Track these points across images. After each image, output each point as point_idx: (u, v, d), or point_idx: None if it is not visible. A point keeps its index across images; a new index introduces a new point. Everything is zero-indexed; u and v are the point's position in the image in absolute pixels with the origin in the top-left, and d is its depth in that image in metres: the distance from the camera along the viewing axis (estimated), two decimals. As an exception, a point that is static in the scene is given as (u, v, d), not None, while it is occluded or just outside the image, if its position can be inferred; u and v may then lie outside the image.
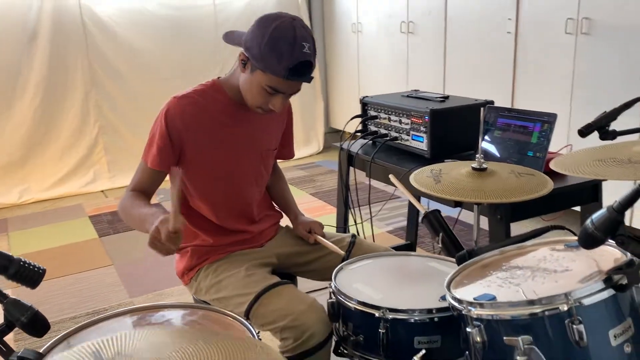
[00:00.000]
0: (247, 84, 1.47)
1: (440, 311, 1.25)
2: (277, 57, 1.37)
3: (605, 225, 0.90)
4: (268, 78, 1.41)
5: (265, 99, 1.47)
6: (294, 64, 1.37)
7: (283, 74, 1.39)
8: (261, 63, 1.40)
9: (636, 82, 2.80)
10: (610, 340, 0.92)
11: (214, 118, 1.55)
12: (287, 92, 1.46)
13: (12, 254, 0.66)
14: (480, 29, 3.65)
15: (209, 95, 1.56)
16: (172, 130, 1.50)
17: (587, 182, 1.86)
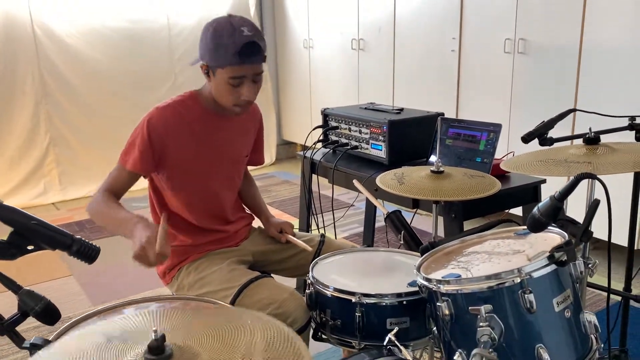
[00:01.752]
0: (215, 89, 1.60)
1: (408, 295, 1.42)
2: (223, 49, 1.51)
3: (549, 211, 1.09)
4: (226, 71, 1.54)
5: (235, 93, 1.58)
6: (239, 47, 1.50)
7: (234, 60, 1.51)
8: (215, 62, 1.54)
9: (567, 96, 3.12)
10: (554, 307, 1.11)
11: (192, 126, 1.66)
12: (249, 76, 1.57)
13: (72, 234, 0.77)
14: (427, 47, 3.91)
15: (187, 106, 1.67)
16: (154, 136, 1.60)
17: (528, 185, 2.09)
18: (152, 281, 3.10)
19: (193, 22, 5.23)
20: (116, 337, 0.98)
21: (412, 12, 3.98)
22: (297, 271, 1.82)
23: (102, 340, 0.96)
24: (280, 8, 5.47)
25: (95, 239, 3.81)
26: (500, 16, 3.39)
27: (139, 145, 1.60)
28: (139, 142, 1.60)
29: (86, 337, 1.18)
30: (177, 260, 1.70)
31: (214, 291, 1.57)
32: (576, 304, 1.15)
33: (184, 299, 1.40)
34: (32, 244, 0.75)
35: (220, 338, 0.93)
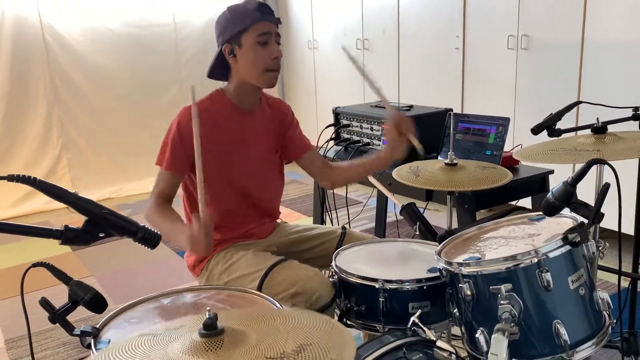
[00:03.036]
0: (246, 60, 1.69)
1: (428, 280, 1.50)
2: (241, 13, 1.66)
3: (562, 195, 1.17)
4: (252, 32, 1.65)
5: (266, 54, 1.67)
6: (256, 5, 1.65)
7: (255, 16, 1.64)
8: (238, 28, 1.65)
9: (570, 90, 3.19)
10: (569, 285, 1.19)
11: (220, 123, 1.74)
12: (272, 33, 1.68)
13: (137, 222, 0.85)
14: (431, 45, 3.99)
15: (216, 103, 1.75)
16: (185, 135, 1.68)
17: (537, 175, 2.17)
18: (171, 280, 3.19)
19: (199, 27, 5.31)
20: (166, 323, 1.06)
21: (416, 12, 4.06)
22: (319, 262, 1.89)
23: (152, 326, 1.04)
24: (284, 10, 5.55)
25: (110, 241, 3.89)
26: (502, 13, 3.46)
27: (170, 146, 1.68)
28: (170, 143, 1.68)
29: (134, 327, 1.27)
30: (206, 253, 1.78)
31: (242, 275, 1.65)
32: (590, 283, 1.23)
33: (216, 288, 1.48)
34: (103, 231, 0.83)
35: (264, 320, 1.00)
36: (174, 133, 1.69)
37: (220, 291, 1.48)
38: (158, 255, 3.61)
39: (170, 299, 1.44)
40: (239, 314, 1.03)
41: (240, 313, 1.03)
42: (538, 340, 1.19)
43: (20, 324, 2.78)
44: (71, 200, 0.82)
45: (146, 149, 5.13)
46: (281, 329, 0.96)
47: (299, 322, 0.99)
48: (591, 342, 1.21)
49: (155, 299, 1.44)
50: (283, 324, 0.98)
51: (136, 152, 5.02)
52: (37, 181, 0.77)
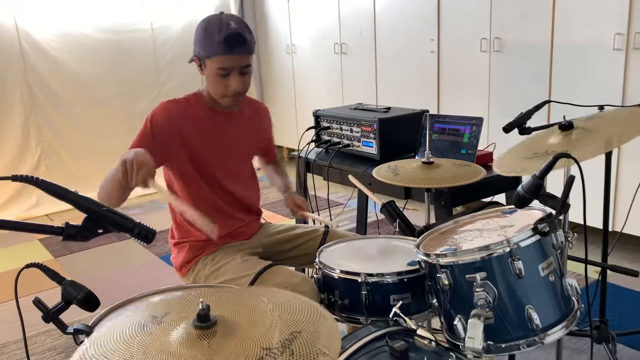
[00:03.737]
0: (207, 81, 1.74)
1: (408, 273, 1.56)
2: (210, 38, 1.65)
3: (531, 188, 1.25)
4: (214, 62, 1.67)
5: (224, 85, 1.70)
6: (224, 37, 1.64)
7: (219, 49, 1.65)
8: (203, 52, 1.68)
9: (541, 90, 3.31)
10: (540, 272, 1.27)
11: (196, 123, 1.78)
12: (236, 67, 1.68)
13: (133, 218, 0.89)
14: (407, 49, 4.09)
15: (191, 103, 1.80)
16: (157, 130, 1.71)
17: (510, 173, 2.26)
18: (154, 284, 3.21)
19: (177, 32, 5.34)
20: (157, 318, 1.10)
21: (391, 16, 4.15)
22: (303, 260, 1.95)
23: (146, 320, 1.08)
24: (262, 15, 5.61)
25: (92, 247, 3.90)
26: (475, 17, 3.57)
27: (142, 138, 1.70)
28: (143, 136, 1.71)
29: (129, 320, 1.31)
30: (193, 254, 1.82)
31: (230, 279, 1.70)
32: (559, 270, 1.31)
33: (206, 286, 1.53)
34: (101, 228, 0.87)
35: (252, 310, 1.06)
36: (147, 128, 1.72)
37: (209, 289, 1.52)
38: (140, 260, 3.63)
39: (159, 297, 1.48)
40: (229, 302, 1.08)
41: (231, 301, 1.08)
42: (512, 325, 1.27)
43: (8, 329, 2.77)
44: (72, 198, 0.86)
45: (126, 154, 5.14)
46: (271, 318, 1.02)
47: (288, 309, 1.04)
48: (561, 326, 1.29)
49: (145, 297, 1.48)
50: (272, 312, 1.04)
51: (117, 157, 4.97)
52: (39, 181, 0.81)
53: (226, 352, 0.91)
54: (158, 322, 1.05)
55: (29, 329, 2.76)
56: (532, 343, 1.27)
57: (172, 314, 1.10)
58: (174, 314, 1.10)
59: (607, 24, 2.94)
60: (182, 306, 1.14)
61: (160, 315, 1.09)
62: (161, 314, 1.10)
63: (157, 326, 1.04)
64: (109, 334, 1.04)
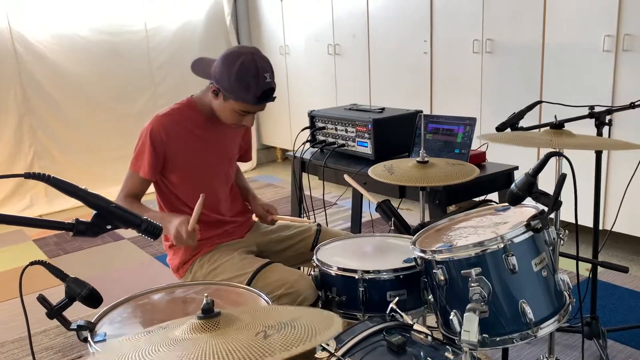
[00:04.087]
0: (221, 109, 1.78)
1: (404, 270, 1.60)
2: (245, 89, 1.69)
3: (525, 186, 1.29)
4: (240, 105, 1.73)
5: (238, 119, 1.79)
6: (260, 92, 1.70)
7: (252, 101, 1.72)
8: (233, 95, 1.72)
9: (533, 90, 3.35)
10: (533, 268, 1.30)
11: (190, 131, 1.83)
12: (256, 112, 1.79)
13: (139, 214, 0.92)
14: (400, 50, 4.12)
15: (185, 112, 1.84)
16: (157, 143, 1.76)
17: (503, 171, 2.30)
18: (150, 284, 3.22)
19: (171, 34, 5.35)
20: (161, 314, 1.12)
21: (385, 18, 4.19)
22: (297, 259, 1.98)
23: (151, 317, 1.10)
24: (255, 16, 5.64)
25: (87, 247, 3.91)
26: (467, 19, 3.62)
27: (146, 153, 1.75)
28: (146, 151, 1.75)
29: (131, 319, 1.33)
30: (190, 255, 1.85)
31: (228, 278, 1.73)
32: (551, 266, 1.35)
33: (205, 284, 1.56)
34: (110, 224, 0.90)
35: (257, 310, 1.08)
36: (148, 142, 1.76)
37: (209, 286, 1.55)
38: (135, 261, 3.64)
39: (160, 294, 1.50)
40: (226, 301, 1.10)
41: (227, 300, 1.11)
42: (506, 319, 1.30)
43: (5, 329, 2.78)
44: (82, 195, 0.88)
45: (121, 155, 5.14)
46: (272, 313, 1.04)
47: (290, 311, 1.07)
48: (554, 319, 1.33)
49: (145, 295, 1.50)
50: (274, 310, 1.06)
51: (110, 159, 5.03)
52: (51, 178, 0.83)
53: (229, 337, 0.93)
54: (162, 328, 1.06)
55: (45, 322, 2.76)
56: (525, 336, 1.30)
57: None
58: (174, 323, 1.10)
59: (597, 26, 2.99)
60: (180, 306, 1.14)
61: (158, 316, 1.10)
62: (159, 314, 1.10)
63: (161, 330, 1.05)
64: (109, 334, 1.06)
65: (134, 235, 4.06)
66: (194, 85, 5.53)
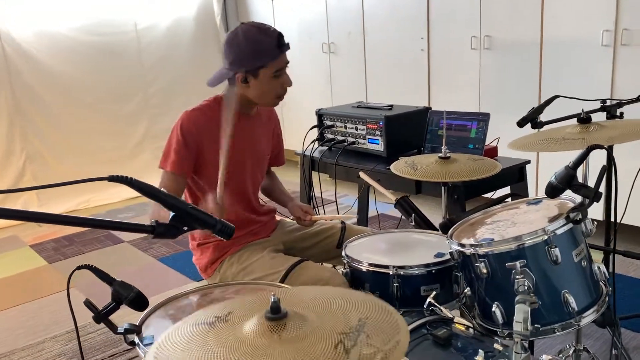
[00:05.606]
0: (259, 89, 1.76)
1: (436, 265, 1.62)
2: (262, 48, 1.70)
3: (564, 178, 1.31)
4: (269, 68, 1.72)
5: (279, 85, 1.77)
6: (275, 40, 1.71)
7: (277, 52, 1.72)
8: (258, 61, 1.71)
9: (530, 86, 3.41)
10: (574, 258, 1.33)
11: (219, 128, 1.80)
12: (285, 65, 1.78)
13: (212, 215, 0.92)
14: (397, 47, 4.15)
15: (214, 109, 1.82)
16: (188, 137, 1.74)
17: (515, 166, 2.34)
18: (157, 286, 3.20)
19: (161, 33, 5.31)
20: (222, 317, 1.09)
21: (381, 15, 4.21)
22: (323, 256, 1.99)
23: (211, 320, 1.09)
24: (245, 16, 5.61)
25: (87, 251, 3.86)
26: (465, 15, 3.66)
27: (175, 148, 1.73)
28: (175, 146, 1.73)
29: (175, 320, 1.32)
30: (218, 255, 1.84)
31: (260, 277, 1.73)
32: (588, 256, 1.38)
33: (244, 283, 1.56)
34: (187, 225, 0.90)
35: (319, 305, 1.08)
36: (178, 137, 1.74)
37: (245, 286, 1.55)
38: (138, 263, 3.61)
39: (197, 295, 1.50)
40: (298, 296, 1.10)
41: (299, 294, 1.11)
42: (548, 310, 1.33)
43: (13, 336, 2.73)
44: (161, 197, 0.88)
45: (114, 157, 5.09)
46: (338, 312, 1.05)
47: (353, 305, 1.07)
48: (593, 309, 1.36)
49: (184, 296, 1.49)
50: (339, 307, 1.07)
51: (103, 161, 4.98)
52: (133, 180, 0.83)
53: (304, 343, 0.93)
54: (224, 321, 1.06)
55: (35, 335, 2.72)
56: (568, 326, 1.33)
57: (235, 312, 1.10)
58: (236, 312, 1.10)
59: (595, 21, 3.05)
60: (242, 306, 1.13)
61: (223, 315, 1.09)
62: (224, 314, 1.09)
63: (224, 324, 1.05)
64: (174, 334, 1.05)
65: (133, 238, 4.02)
66: (186, 86, 5.52)
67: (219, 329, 1.02)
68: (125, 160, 5.15)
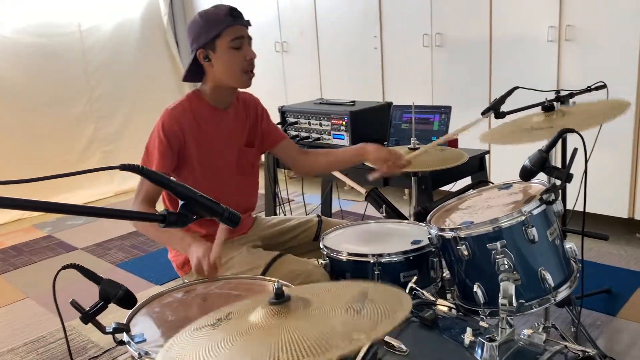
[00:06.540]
0: (222, 64, 1.75)
1: (414, 251, 1.66)
2: (213, 19, 1.73)
3: (538, 161, 1.39)
4: (224, 37, 1.72)
5: (241, 57, 1.75)
6: (227, 10, 1.73)
7: (227, 21, 1.72)
8: (210, 34, 1.72)
9: (481, 81, 3.54)
10: (548, 237, 1.40)
11: (200, 122, 1.79)
12: (245, 36, 1.76)
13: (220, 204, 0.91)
14: (350, 46, 4.21)
15: (193, 104, 1.81)
16: (171, 136, 1.72)
17: (476, 156, 2.43)
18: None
19: (106, 34, 5.16)
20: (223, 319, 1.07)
21: (333, 14, 4.25)
22: (301, 249, 2.00)
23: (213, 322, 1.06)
24: (193, 14, 5.52)
25: (38, 260, 3.70)
26: (416, 13, 3.75)
27: (157, 147, 1.71)
28: (157, 145, 1.71)
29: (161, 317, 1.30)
30: (194, 251, 1.82)
31: (240, 272, 1.72)
32: (560, 235, 1.46)
33: (227, 278, 1.55)
34: (195, 214, 0.89)
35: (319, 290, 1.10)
36: (161, 136, 1.72)
37: (229, 281, 1.54)
38: (96, 270, 3.47)
39: (181, 293, 1.48)
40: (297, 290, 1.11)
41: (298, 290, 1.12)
42: (526, 287, 1.39)
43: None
44: (172, 185, 0.87)
45: (60, 162, 4.91)
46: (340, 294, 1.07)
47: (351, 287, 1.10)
48: (567, 285, 1.43)
49: (168, 294, 1.47)
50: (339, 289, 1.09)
51: (49, 167, 4.79)
52: (143, 169, 0.82)
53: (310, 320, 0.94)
54: (227, 319, 1.04)
55: (10, 340, 2.60)
56: (544, 302, 1.40)
57: (235, 312, 1.08)
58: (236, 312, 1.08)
59: (541, 17, 3.20)
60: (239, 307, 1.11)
61: (224, 316, 1.06)
62: (224, 315, 1.07)
63: (228, 322, 1.03)
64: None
65: (87, 245, 3.90)
66: (134, 87, 5.40)
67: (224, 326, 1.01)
68: (75, 164, 4.99)
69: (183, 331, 1.02)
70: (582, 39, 3.09)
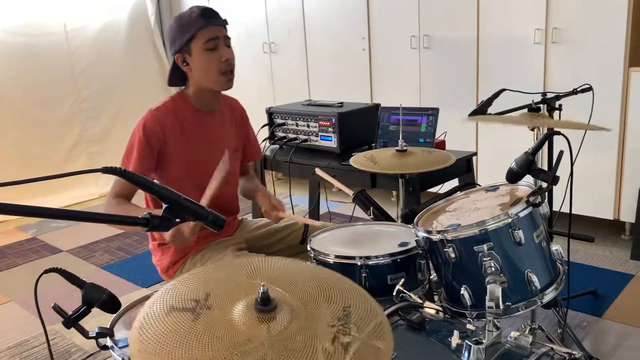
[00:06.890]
0: (199, 67, 1.74)
1: (400, 254, 1.66)
2: (186, 22, 1.71)
3: (524, 164, 1.39)
4: (198, 39, 1.70)
5: (216, 58, 1.72)
6: (199, 12, 1.71)
7: (199, 23, 1.69)
8: (184, 37, 1.70)
9: (469, 82, 3.55)
10: (535, 239, 1.41)
11: (183, 124, 1.78)
12: (220, 37, 1.74)
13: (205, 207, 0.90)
14: (338, 47, 4.21)
15: (178, 105, 1.79)
16: (151, 137, 1.70)
17: (463, 158, 2.44)
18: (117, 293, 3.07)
19: (92, 35, 5.11)
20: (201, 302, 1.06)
21: (321, 15, 4.25)
22: (287, 252, 1.99)
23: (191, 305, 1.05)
24: (182, 16, 5.49)
25: (22, 263, 3.66)
26: (404, 15, 3.76)
27: (137, 147, 1.69)
28: (137, 145, 1.69)
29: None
30: (180, 255, 1.80)
31: (225, 275, 1.70)
32: (547, 237, 1.46)
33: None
34: (179, 217, 0.87)
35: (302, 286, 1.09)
36: (140, 135, 1.70)
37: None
38: (80, 272, 3.45)
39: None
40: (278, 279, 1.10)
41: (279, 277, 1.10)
42: (513, 289, 1.39)
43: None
44: (155, 189, 0.86)
45: (47, 164, 4.85)
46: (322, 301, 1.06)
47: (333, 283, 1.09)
48: (553, 287, 1.44)
49: (152, 298, 1.45)
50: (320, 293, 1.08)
51: (35, 168, 4.74)
52: (126, 172, 0.81)
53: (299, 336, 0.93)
54: (208, 307, 1.02)
55: (-27, 353, 2.56)
56: (531, 304, 1.40)
57: (213, 295, 1.06)
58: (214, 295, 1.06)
59: (528, 20, 3.22)
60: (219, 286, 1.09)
61: (202, 299, 1.04)
62: (203, 297, 1.05)
63: (208, 310, 1.01)
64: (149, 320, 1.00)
65: (72, 247, 3.86)
66: (120, 88, 5.35)
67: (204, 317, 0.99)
68: (61, 165, 4.94)
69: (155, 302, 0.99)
70: (569, 41, 3.11)
